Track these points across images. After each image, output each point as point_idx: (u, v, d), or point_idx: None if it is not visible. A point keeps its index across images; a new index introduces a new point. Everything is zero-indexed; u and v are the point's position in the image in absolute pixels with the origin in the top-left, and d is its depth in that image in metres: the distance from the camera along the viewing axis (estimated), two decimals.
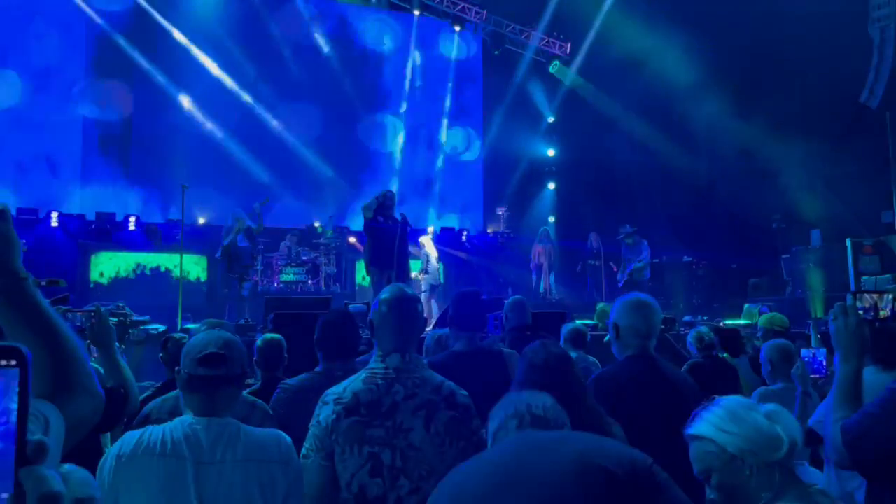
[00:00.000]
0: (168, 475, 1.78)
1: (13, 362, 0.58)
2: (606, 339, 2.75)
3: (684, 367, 4.33)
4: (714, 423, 1.52)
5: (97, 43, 11.95)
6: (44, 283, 2.15)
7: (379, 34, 14.23)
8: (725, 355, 4.83)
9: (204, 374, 1.91)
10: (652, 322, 2.53)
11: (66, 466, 0.64)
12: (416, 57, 14.53)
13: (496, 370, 2.93)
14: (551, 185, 15.34)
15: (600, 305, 7.71)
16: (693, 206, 12.91)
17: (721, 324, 8.13)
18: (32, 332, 1.08)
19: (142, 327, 7.05)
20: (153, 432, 1.86)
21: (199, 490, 1.78)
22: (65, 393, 1.08)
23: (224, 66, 12.40)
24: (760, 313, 9.34)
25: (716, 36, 12.02)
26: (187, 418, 1.90)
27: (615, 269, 10.90)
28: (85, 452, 1.94)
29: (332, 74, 13.33)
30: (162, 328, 7.18)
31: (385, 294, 2.26)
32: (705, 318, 9.91)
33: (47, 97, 11.56)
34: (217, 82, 12.35)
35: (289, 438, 1.95)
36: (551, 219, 14.75)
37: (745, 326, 8.85)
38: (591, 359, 4.53)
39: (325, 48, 13.45)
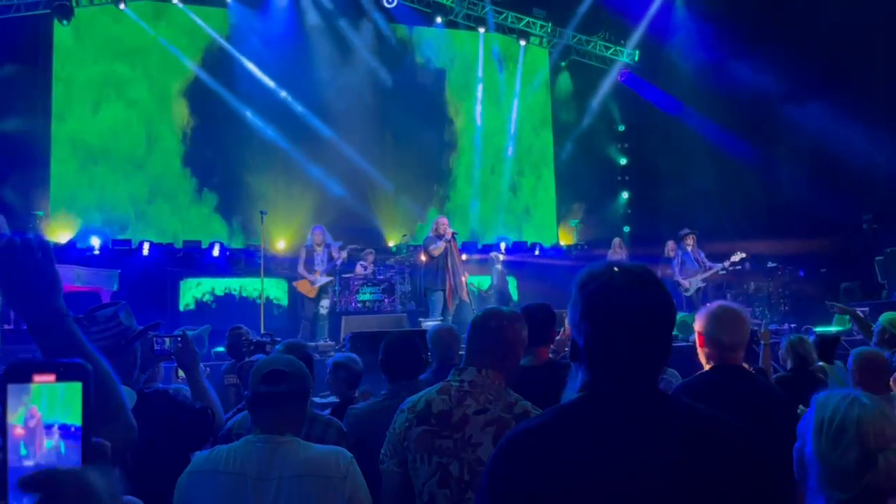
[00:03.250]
0: (230, 491, 1.88)
1: (77, 377, 0.65)
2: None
3: (773, 378, 4.18)
4: None
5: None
6: (81, 317, 2.31)
7: (446, 54, 14.41)
8: (822, 363, 4.62)
9: (266, 391, 2.01)
10: (738, 332, 2.44)
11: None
12: (483, 73, 14.64)
13: (564, 383, 2.92)
14: (625, 195, 15.08)
15: (680, 316, 7.50)
16: (777, 209, 12.39)
17: (812, 331, 7.75)
18: None
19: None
20: (220, 451, 1.98)
21: None
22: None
23: (297, 94, 12.84)
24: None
25: (793, 31, 11.56)
26: (250, 437, 2.00)
27: (687, 284, 10.37)
28: (177, 469, 2.06)
29: (402, 96, 13.56)
30: None
31: (484, 309, 2.40)
32: (793, 325, 9.48)
33: None
34: (292, 111, 12.80)
35: (349, 454, 2.01)
36: (626, 229, 14.48)
37: (838, 333, 8.40)
38: (671, 370, 4.42)
39: (395, 71, 13.73)
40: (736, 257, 10.07)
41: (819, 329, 7.78)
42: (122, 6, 11.98)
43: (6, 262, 1.17)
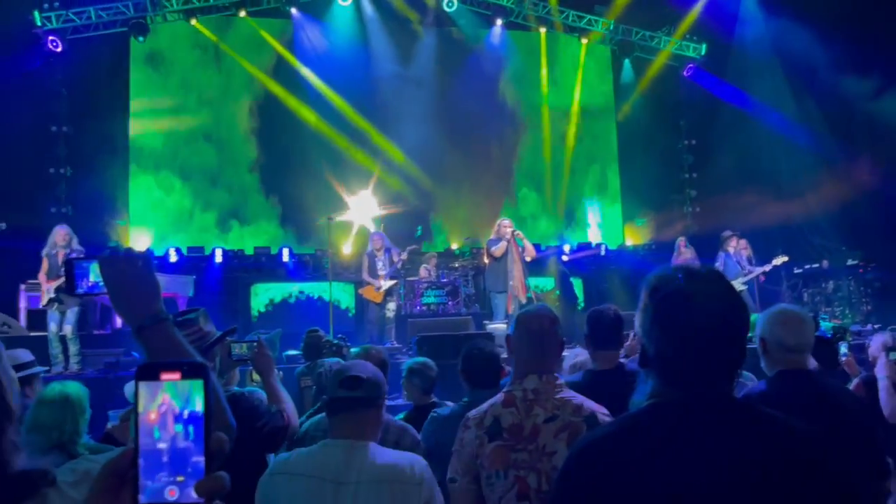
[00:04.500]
0: (309, 493, 1.92)
1: (198, 375, 0.74)
2: None
3: (855, 381, 4.00)
4: None
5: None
6: (179, 319, 2.42)
7: (508, 54, 14.35)
8: None
9: (344, 395, 2.05)
10: (801, 335, 2.37)
11: None
12: (546, 73, 14.54)
13: (633, 389, 2.86)
14: (692, 193, 14.69)
15: (754, 317, 7.23)
16: (856, 203, 11.81)
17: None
18: None
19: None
20: (300, 453, 2.03)
21: None
22: None
23: (359, 99, 13.04)
24: None
25: (869, 13, 10.99)
26: (329, 440, 2.04)
27: (762, 279, 10.08)
28: (254, 470, 2.13)
29: (464, 97, 13.56)
30: None
31: (522, 313, 2.30)
32: (877, 325, 9.03)
33: None
34: (355, 116, 13.01)
35: (424, 461, 2.02)
36: (692, 228, 14.10)
37: None
38: (746, 373, 4.29)
39: (457, 73, 13.77)
40: (778, 261, 9.74)
41: None
42: (193, 21, 12.47)
43: (112, 272, 1.27)
